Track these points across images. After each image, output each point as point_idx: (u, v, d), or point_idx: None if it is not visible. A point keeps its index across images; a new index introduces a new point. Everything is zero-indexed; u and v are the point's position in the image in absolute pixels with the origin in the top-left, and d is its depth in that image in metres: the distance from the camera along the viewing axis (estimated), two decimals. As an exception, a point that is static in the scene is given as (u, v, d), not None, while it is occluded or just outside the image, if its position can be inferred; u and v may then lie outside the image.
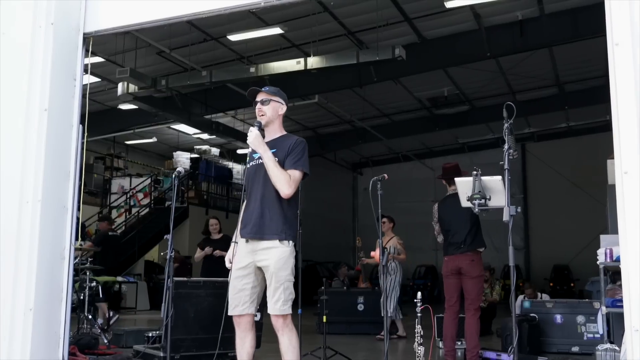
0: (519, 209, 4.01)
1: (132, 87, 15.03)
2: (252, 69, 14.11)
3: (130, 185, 21.27)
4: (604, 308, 6.58)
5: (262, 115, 4.37)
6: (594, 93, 17.49)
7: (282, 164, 4.22)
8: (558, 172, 25.60)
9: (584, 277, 16.01)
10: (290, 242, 4.24)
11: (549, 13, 13.82)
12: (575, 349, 8.11)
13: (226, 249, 8.25)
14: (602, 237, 7.28)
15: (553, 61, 16.94)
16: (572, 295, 21.03)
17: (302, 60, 13.73)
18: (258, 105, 4.38)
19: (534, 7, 13.71)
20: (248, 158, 4.45)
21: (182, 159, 21.84)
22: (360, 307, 10.89)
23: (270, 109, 4.37)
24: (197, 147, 23.38)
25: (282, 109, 4.44)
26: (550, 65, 17.30)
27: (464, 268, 6.30)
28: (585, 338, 8.07)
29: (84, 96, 5.33)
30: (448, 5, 12.58)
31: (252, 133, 4.27)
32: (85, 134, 5.19)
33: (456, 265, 6.36)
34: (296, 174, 4.22)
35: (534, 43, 14.60)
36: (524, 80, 18.13)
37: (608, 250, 6.65)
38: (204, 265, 9.33)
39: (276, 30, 13.77)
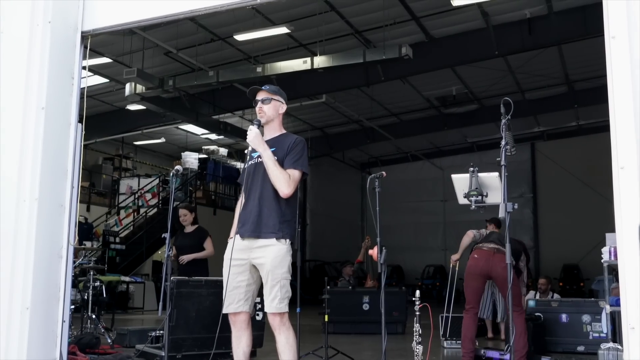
0: (516, 206, 3.94)
1: (140, 88, 15.08)
2: (259, 69, 14.12)
3: (139, 186, 21.32)
4: (608, 307, 6.48)
5: (263, 114, 4.36)
6: (604, 91, 17.18)
7: (281, 163, 4.22)
8: (568, 171, 25.38)
9: (594, 276, 15.86)
10: (287, 240, 4.22)
11: (557, 11, 13.75)
12: (580, 348, 8.03)
13: (199, 242, 8.02)
14: (608, 235, 7.16)
15: (562, 59, 16.83)
16: (581, 294, 20.85)
17: (308, 59, 13.71)
18: (259, 104, 4.38)
19: (542, 5, 13.65)
20: (247, 157, 4.44)
21: (191, 159, 21.86)
22: (366, 307, 10.76)
23: (271, 108, 4.37)
24: (205, 147, 23.41)
25: (282, 108, 4.44)
26: (559, 64, 17.19)
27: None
28: (590, 337, 8.00)
29: (82, 96, 5.32)
30: (455, 3, 12.50)
31: (252, 132, 4.26)
32: (83, 133, 5.18)
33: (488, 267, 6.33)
34: (295, 174, 4.21)
35: (543, 41, 14.52)
36: (533, 78, 18.02)
37: (612, 249, 6.52)
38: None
39: (283, 30, 13.74)
